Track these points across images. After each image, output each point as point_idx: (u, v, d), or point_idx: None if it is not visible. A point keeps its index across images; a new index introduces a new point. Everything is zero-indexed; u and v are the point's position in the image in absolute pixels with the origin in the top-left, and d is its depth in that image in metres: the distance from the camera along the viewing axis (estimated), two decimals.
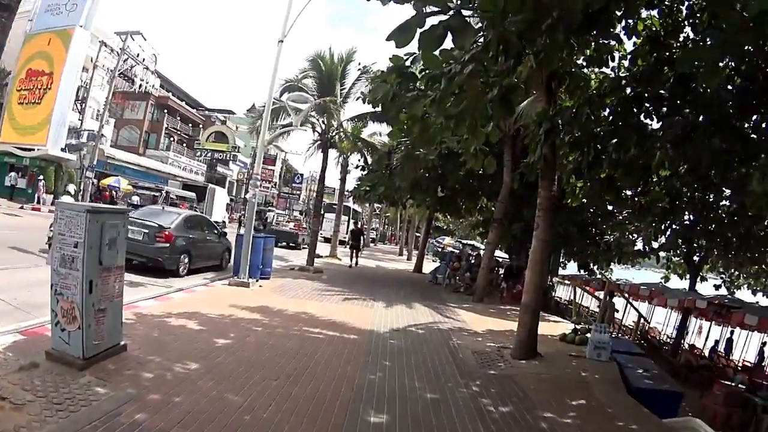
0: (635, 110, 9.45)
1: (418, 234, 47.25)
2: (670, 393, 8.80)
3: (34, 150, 33.76)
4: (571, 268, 25.43)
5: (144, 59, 42.27)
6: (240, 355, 6.94)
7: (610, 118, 9.82)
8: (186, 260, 13.50)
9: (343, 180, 27.46)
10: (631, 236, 22.04)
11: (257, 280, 14.11)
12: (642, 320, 18.93)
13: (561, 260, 23.97)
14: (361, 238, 23.77)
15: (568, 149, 10.51)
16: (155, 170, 44.33)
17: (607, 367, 9.64)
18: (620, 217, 20.11)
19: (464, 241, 42.37)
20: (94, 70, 38.33)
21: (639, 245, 21.22)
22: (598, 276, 21.87)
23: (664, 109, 9.52)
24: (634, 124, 9.29)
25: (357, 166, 22.54)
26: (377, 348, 8.42)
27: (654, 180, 13.15)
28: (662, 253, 21.57)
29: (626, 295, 18.51)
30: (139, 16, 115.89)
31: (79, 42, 35.83)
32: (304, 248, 27.24)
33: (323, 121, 19.21)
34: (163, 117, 55.79)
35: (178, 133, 58.77)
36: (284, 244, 29.55)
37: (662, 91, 9.31)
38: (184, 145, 58.73)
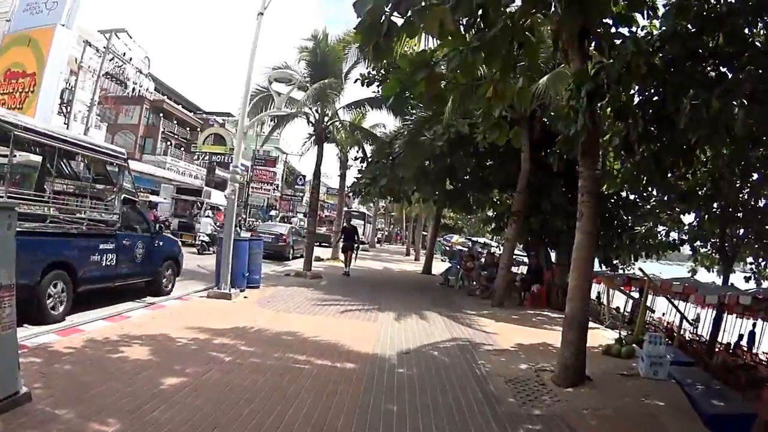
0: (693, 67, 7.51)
1: (424, 233, 45.17)
2: (746, 416, 7.13)
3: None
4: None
5: (131, 58, 40.45)
6: (187, 404, 4.92)
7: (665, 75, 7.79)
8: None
9: (342, 176, 25.47)
10: (662, 226, 20.00)
11: (243, 290, 12.19)
12: (682, 322, 16.82)
13: None
14: (356, 237, 19.64)
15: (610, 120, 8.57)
16: (148, 174, 42.41)
17: (667, 388, 7.75)
18: (648, 206, 18.01)
19: (474, 239, 40.30)
20: (80, 71, 36.27)
21: (670, 236, 19.24)
22: (624, 271, 19.79)
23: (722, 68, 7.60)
24: (702, 78, 7.24)
25: (356, 158, 20.43)
26: (380, 383, 6.34)
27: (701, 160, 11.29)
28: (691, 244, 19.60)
29: (668, 295, 16.50)
30: (132, 17, 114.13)
31: (61, 42, 34.05)
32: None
33: (317, 110, 17.19)
34: (158, 121, 54.36)
35: (175, 137, 57.33)
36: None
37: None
38: (182, 149, 57.24)
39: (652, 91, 8.17)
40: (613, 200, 17.34)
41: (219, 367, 6.23)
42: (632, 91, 8.37)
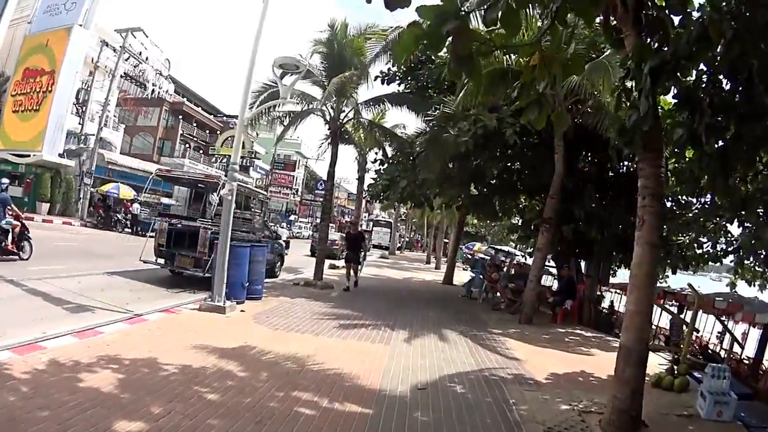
0: None
1: (446, 240, 43.63)
2: None
3: (29, 156, 31.32)
4: (621, 275, 21.66)
5: (147, 57, 39.78)
6: None
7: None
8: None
9: (360, 179, 24.11)
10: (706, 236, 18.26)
11: (242, 302, 10.91)
12: (732, 344, 15.10)
13: (612, 266, 20.28)
14: (363, 245, 17.37)
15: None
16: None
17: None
18: (689, 214, 16.34)
19: (497, 247, 38.73)
20: (96, 71, 35.57)
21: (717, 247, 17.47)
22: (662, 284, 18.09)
23: None
24: None
25: (375, 161, 19.06)
26: None
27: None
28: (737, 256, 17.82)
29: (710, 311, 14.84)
30: (153, 19, 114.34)
31: (78, 41, 33.49)
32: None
33: (332, 107, 15.88)
34: (177, 123, 53.93)
35: (194, 139, 56.87)
36: None
37: None
38: (201, 152, 56.61)
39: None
40: None
41: (183, 407, 4.90)
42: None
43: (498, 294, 17.22)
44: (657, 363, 9.75)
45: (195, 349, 6.90)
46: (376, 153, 19.45)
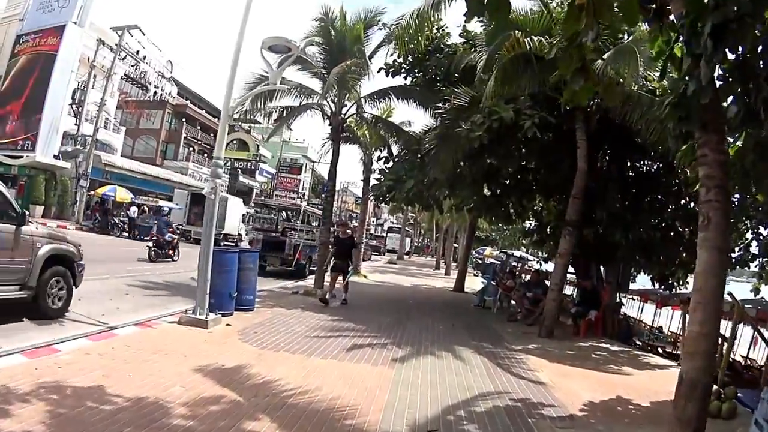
0: None
1: (455, 245, 42.35)
2: None
3: (22, 157, 30.46)
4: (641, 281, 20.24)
5: (145, 57, 38.77)
6: None
7: None
8: None
9: (366, 181, 22.87)
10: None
11: (230, 314, 9.78)
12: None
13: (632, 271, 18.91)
14: (352, 253, 14.04)
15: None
16: (162, 179, 40.71)
17: None
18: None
19: (508, 252, 37.40)
20: (93, 70, 34.54)
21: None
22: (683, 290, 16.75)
23: None
24: None
25: (380, 158, 17.72)
26: None
27: None
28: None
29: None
30: (156, 20, 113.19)
31: (72, 39, 32.82)
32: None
33: (333, 100, 14.71)
34: (181, 126, 53.22)
35: (198, 142, 56.25)
36: None
37: None
38: (205, 155, 55.82)
39: None
40: (671, 207, 14.55)
41: None
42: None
43: (513, 302, 16.01)
44: None
45: (158, 376, 5.71)
46: (381, 151, 18.24)
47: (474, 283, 27.00)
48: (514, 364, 8.65)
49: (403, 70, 15.70)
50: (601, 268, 16.01)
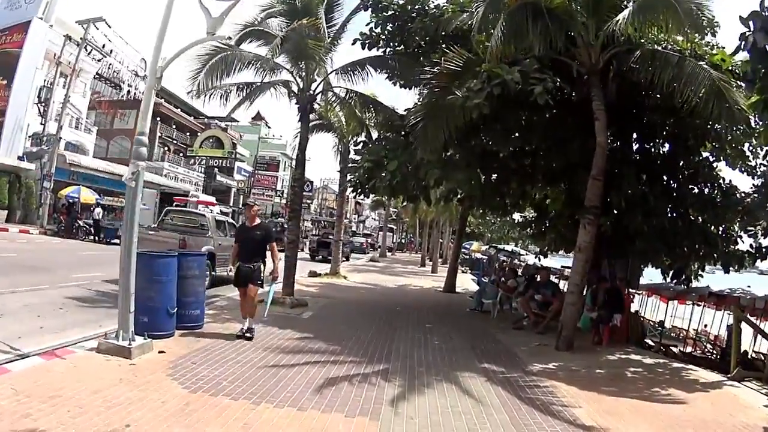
0: None
1: (441, 240, 40.17)
2: None
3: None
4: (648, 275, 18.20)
5: (112, 50, 36.48)
6: None
7: None
8: None
9: (343, 172, 20.51)
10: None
11: (170, 335, 7.60)
12: None
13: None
14: (265, 252, 8.48)
15: None
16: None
17: None
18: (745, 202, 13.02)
19: (498, 246, 35.37)
20: (59, 67, 32.12)
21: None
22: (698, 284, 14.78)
23: None
24: None
25: (357, 143, 15.20)
26: None
27: None
28: None
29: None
30: (130, 18, 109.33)
31: (37, 35, 30.61)
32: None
33: (300, 75, 12.47)
34: (155, 126, 50.71)
35: (174, 142, 54.23)
36: None
37: None
38: (181, 155, 53.71)
39: None
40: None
41: None
42: None
43: (515, 305, 13.90)
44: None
45: None
46: (358, 135, 15.93)
47: (465, 281, 24.88)
48: (540, 396, 6.46)
49: (381, 42, 13.35)
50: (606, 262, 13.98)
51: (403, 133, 11.66)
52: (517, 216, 29.19)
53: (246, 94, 12.90)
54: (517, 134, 11.50)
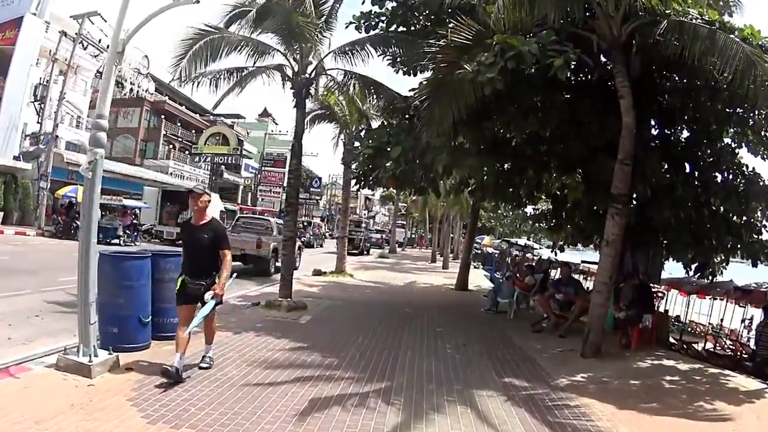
0: None
1: (452, 235, 39.04)
2: None
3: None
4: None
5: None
6: None
7: None
8: None
9: (347, 165, 19.43)
10: None
11: (142, 348, 6.67)
12: None
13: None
14: (218, 260, 6.09)
15: None
16: (134, 177, 37.61)
17: None
18: None
19: (511, 240, 34.22)
20: (54, 63, 31.31)
21: None
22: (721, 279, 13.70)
23: None
24: None
25: (361, 129, 13.97)
26: None
27: None
28: None
29: None
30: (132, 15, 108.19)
31: (30, 31, 29.98)
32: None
33: (294, 57, 11.46)
34: (160, 123, 50.62)
35: (179, 140, 53.75)
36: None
37: None
38: (187, 152, 53.09)
39: None
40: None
41: None
42: None
43: (532, 302, 12.85)
44: None
45: None
46: (360, 123, 14.83)
47: (477, 278, 23.77)
48: (573, 421, 5.40)
49: (380, 23, 12.23)
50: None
51: (407, 116, 10.59)
52: (529, 209, 28.11)
53: (237, 80, 11.90)
54: (532, 115, 10.45)
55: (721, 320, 13.97)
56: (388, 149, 10.01)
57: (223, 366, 6.37)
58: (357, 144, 12.47)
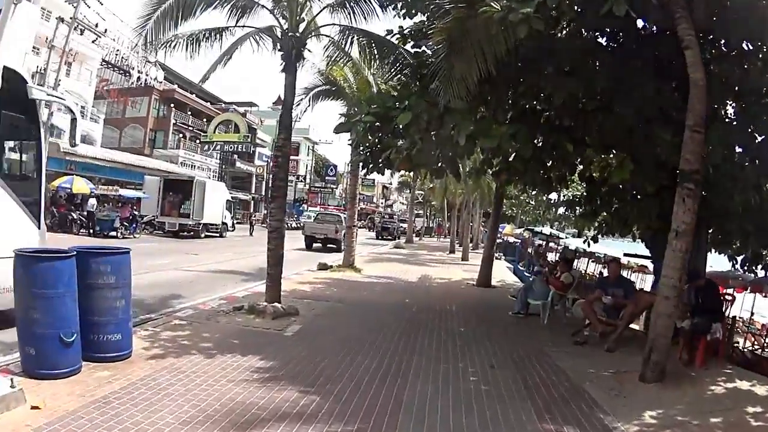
0: None
1: (471, 223, 36.93)
2: None
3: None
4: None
5: (106, 30, 34.14)
6: None
7: None
8: None
9: (355, 147, 17.41)
10: None
11: (70, 374, 5.09)
12: None
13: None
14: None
15: None
16: (133, 165, 36.39)
17: None
18: None
19: (535, 229, 32.14)
20: (51, 51, 29.81)
21: None
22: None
23: None
24: None
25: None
26: None
27: None
28: None
29: None
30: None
31: (23, 15, 28.50)
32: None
33: (283, 14, 9.59)
34: (169, 112, 49.60)
35: (190, 128, 52.80)
36: None
37: None
38: (198, 141, 52.17)
39: None
40: None
41: None
42: None
43: (568, 303, 10.93)
44: None
45: None
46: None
47: (500, 270, 21.73)
48: None
49: None
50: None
51: (419, 75, 8.60)
52: (553, 195, 26.00)
53: (224, 51, 10.03)
54: (575, 74, 8.50)
55: (752, 314, 12.25)
56: (394, 117, 8.04)
57: (164, 404, 4.59)
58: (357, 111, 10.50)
